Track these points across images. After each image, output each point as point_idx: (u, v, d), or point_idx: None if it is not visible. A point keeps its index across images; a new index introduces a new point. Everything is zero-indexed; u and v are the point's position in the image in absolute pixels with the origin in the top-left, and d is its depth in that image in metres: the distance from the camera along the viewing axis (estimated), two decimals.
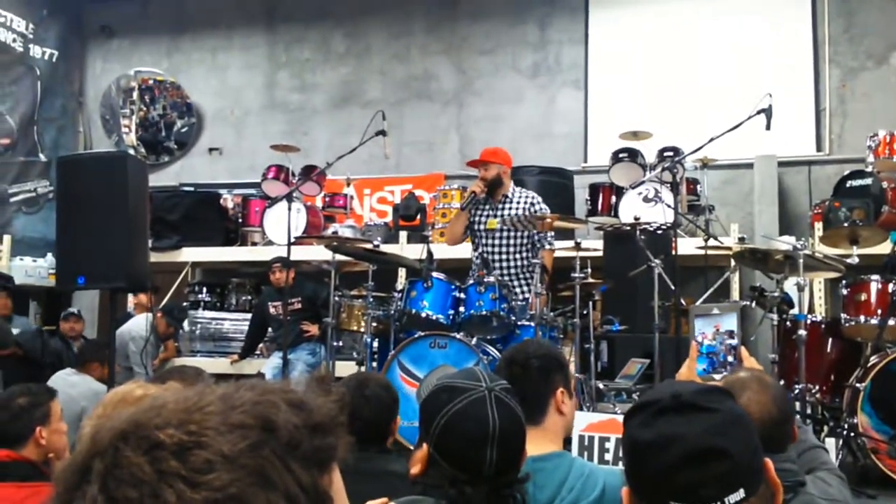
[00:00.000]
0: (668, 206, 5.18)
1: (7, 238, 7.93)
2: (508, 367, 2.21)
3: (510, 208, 5.19)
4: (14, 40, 8.91)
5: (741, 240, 6.37)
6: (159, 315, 6.63)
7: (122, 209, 4.26)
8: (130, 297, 7.41)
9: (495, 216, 5.19)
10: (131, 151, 9.03)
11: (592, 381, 5.06)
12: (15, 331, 6.13)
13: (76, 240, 4.28)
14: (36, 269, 7.97)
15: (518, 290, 5.06)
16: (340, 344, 5.65)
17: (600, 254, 6.03)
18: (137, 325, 6.36)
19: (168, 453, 0.63)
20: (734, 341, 2.73)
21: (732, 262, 6.05)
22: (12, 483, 2.36)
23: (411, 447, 4.15)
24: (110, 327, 4.64)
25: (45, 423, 2.58)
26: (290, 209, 5.32)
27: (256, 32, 9.34)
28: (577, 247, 5.17)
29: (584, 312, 5.26)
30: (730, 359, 2.70)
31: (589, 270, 5.28)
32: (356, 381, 2.56)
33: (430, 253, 4.94)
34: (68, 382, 4.68)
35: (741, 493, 1.08)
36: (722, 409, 1.15)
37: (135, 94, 9.59)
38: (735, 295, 6.42)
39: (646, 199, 5.52)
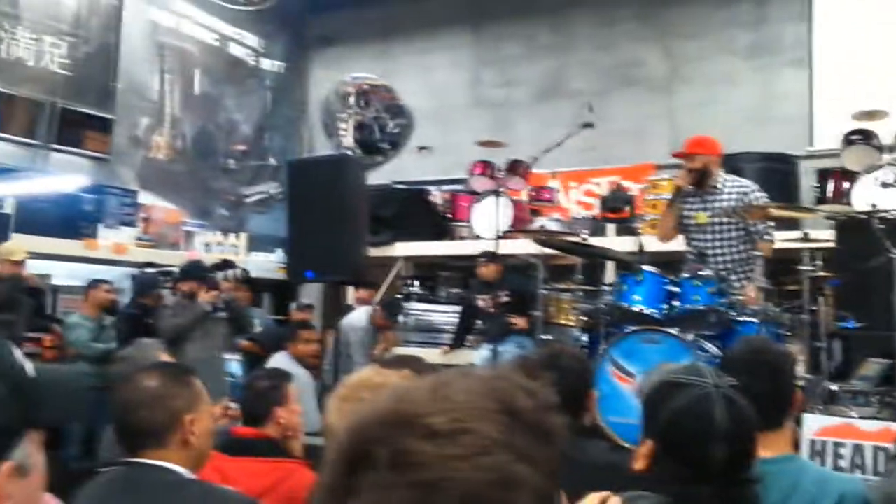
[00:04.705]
0: None
1: (244, 235, 8.71)
2: (755, 365, 2.08)
3: (720, 200, 4.92)
4: (247, 55, 9.77)
5: None
6: (377, 309, 6.97)
7: (344, 207, 4.53)
8: (351, 291, 7.85)
9: (704, 209, 4.93)
10: (349, 153, 9.59)
11: (824, 382, 4.69)
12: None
13: (304, 237, 4.62)
14: (267, 264, 8.66)
15: (737, 283, 4.78)
16: (549, 337, 5.63)
17: (831, 245, 5.57)
18: (357, 317, 6.73)
19: (446, 439, 0.68)
20: None
21: None
22: (257, 458, 2.58)
23: (624, 444, 4.06)
24: (336, 318, 4.95)
25: (283, 403, 2.79)
26: (496, 204, 5.39)
27: (462, 32, 9.57)
28: (805, 238, 4.81)
29: (814, 308, 4.89)
30: None
31: (819, 263, 4.90)
32: (548, 354, 2.55)
33: (640, 245, 4.81)
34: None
35: None
36: None
37: (351, 99, 10.17)
38: None
39: (884, 185, 5.06)
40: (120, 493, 1.92)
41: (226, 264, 6.17)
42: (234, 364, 3.61)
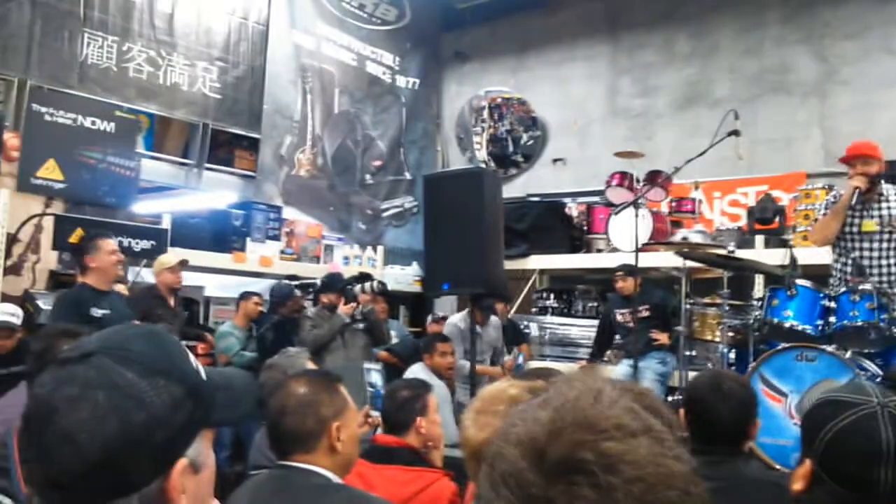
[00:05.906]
0: None
1: (381, 249, 8.93)
2: None
3: (887, 208, 4.58)
4: (384, 73, 10.04)
5: None
6: (473, 306, 6.81)
7: (480, 220, 4.55)
8: None
9: (871, 217, 4.60)
10: (483, 166, 9.65)
11: None
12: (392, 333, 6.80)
13: (440, 249, 4.67)
14: (403, 277, 8.83)
15: None
16: (693, 353, 5.43)
17: None
18: (457, 319, 6.59)
19: (640, 438, 0.71)
20: None
21: None
22: (399, 466, 2.62)
23: (776, 466, 3.86)
24: (471, 332, 4.97)
25: (424, 413, 2.82)
26: (635, 215, 5.26)
27: (599, 42, 9.44)
28: None
29: None
30: None
31: None
32: (710, 379, 2.37)
33: (793, 258, 4.56)
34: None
35: None
36: None
37: (485, 113, 10.24)
38: None
39: None
40: (272, 495, 1.99)
41: (364, 277, 6.33)
42: (374, 374, 3.70)
